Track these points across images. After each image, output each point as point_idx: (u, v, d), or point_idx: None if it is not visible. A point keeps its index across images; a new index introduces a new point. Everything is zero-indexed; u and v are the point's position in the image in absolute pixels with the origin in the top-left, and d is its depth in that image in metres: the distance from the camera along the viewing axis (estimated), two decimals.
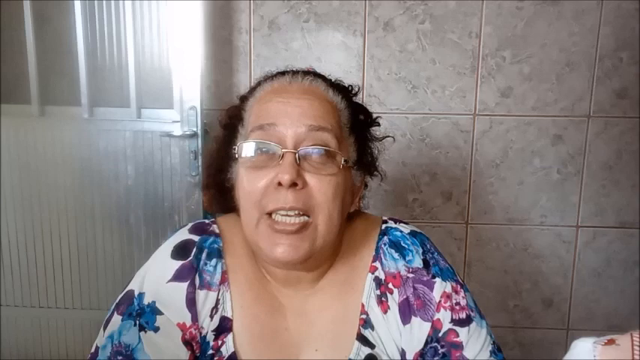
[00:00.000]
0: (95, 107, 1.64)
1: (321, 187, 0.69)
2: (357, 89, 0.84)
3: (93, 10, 1.61)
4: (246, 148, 0.72)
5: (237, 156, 0.73)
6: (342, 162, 0.72)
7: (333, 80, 0.81)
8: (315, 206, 0.69)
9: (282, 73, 0.78)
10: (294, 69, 0.80)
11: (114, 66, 1.64)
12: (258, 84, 0.79)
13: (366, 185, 0.83)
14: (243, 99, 0.80)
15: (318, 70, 0.84)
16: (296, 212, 0.68)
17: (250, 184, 0.70)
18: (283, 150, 0.69)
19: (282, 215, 0.69)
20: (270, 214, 0.69)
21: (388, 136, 0.86)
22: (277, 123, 0.70)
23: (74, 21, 1.59)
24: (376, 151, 0.83)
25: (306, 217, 0.69)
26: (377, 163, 0.83)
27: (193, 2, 1.52)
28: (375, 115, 0.84)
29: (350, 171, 0.75)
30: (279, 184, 0.68)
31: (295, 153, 0.69)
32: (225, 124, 0.81)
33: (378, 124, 0.84)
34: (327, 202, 0.70)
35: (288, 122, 0.70)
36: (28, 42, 1.60)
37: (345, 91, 0.80)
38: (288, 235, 0.68)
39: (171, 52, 1.61)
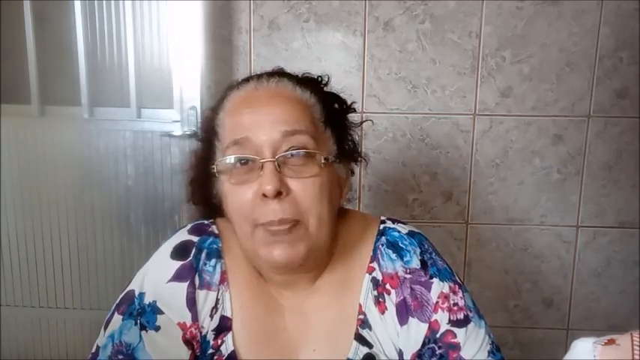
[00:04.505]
0: (95, 107, 1.64)
1: (306, 190, 0.69)
2: (326, 79, 0.82)
3: (93, 10, 1.61)
4: (225, 165, 0.71)
5: (217, 174, 0.73)
6: (322, 160, 0.71)
7: (299, 76, 0.79)
8: (303, 211, 0.69)
9: (247, 80, 0.77)
10: (257, 73, 0.78)
11: (114, 66, 1.64)
12: (225, 95, 0.77)
13: (352, 173, 0.82)
14: (214, 111, 0.78)
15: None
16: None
17: (237, 199, 0.70)
18: (262, 160, 0.68)
19: (274, 227, 0.69)
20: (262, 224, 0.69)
21: (367, 120, 0.85)
22: (250, 135, 0.70)
23: (74, 21, 1.59)
24: (356, 137, 0.81)
25: (296, 220, 0.69)
26: (359, 149, 0.82)
27: (193, 2, 1.52)
28: (350, 102, 0.82)
29: (332, 166, 0.75)
30: (264, 195, 0.67)
31: (274, 161, 0.68)
32: (202, 138, 0.80)
33: (354, 110, 0.82)
34: (314, 205, 0.69)
35: (262, 132, 0.69)
36: (28, 42, 1.60)
37: (313, 84, 0.79)
38: (283, 237, 0.69)
39: (171, 52, 1.61)
